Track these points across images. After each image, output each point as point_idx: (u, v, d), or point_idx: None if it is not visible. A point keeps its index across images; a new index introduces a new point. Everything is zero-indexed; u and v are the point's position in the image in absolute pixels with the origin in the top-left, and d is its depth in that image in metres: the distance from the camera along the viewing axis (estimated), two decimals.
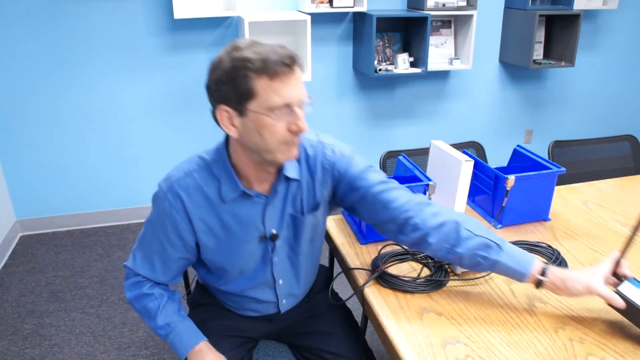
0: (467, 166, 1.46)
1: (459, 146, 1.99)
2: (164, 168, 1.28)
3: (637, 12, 3.73)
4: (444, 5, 3.09)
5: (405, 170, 1.58)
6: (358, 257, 1.39)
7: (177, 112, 3.11)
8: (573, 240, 1.47)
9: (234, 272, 1.26)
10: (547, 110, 3.84)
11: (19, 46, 2.78)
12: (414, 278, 1.27)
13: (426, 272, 1.31)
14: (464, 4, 3.15)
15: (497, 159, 3.46)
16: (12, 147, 2.97)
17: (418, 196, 1.22)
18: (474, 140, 2.14)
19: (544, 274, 1.12)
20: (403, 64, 3.14)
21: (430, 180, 1.46)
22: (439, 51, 3.35)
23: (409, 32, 3.21)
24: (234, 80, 1.00)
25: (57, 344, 2.21)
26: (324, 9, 2.93)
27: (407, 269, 1.33)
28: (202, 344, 1.24)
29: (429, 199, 1.26)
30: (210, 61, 1.07)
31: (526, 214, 1.57)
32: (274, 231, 1.22)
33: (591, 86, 3.86)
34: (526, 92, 3.73)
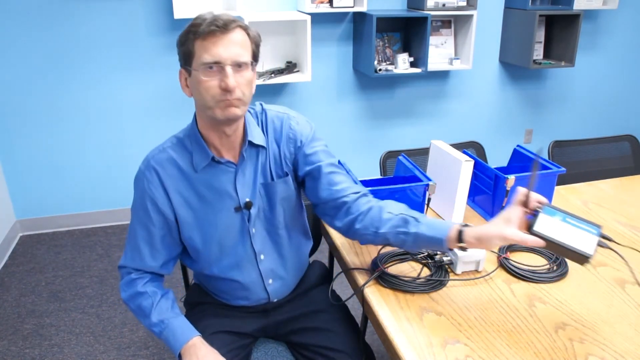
0: (467, 166, 1.46)
1: (459, 146, 1.99)
2: None
3: (637, 12, 3.73)
4: (444, 5, 3.09)
5: (405, 170, 1.58)
6: (358, 257, 1.39)
7: (177, 112, 3.11)
8: None
9: (214, 249, 1.29)
10: (547, 110, 3.84)
11: (19, 46, 2.78)
12: (414, 278, 1.27)
13: (426, 272, 1.31)
14: (464, 4, 3.15)
15: (497, 159, 3.46)
16: (12, 147, 2.97)
17: (360, 187, 1.30)
18: (474, 140, 2.14)
19: (460, 236, 1.14)
20: (403, 64, 3.14)
21: (430, 180, 1.46)
22: (439, 51, 3.35)
23: (409, 32, 3.21)
24: (183, 44, 1.16)
25: (57, 344, 2.21)
26: (324, 9, 2.93)
27: (407, 269, 1.33)
28: (196, 339, 1.25)
29: (429, 200, 1.26)
30: None
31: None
32: (247, 199, 1.27)
33: (591, 86, 3.86)
34: (526, 92, 3.73)
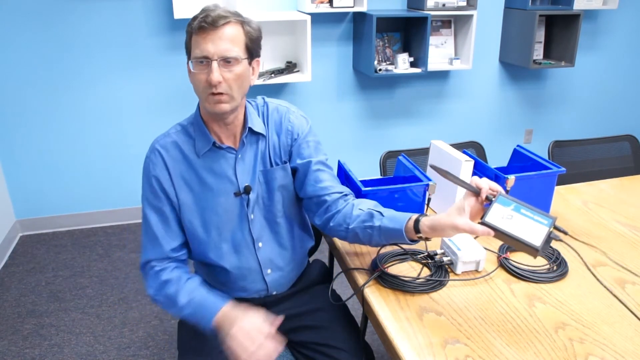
0: (467, 166, 1.46)
1: (459, 146, 1.99)
2: None
3: (637, 12, 3.73)
4: (444, 5, 3.09)
5: (405, 170, 1.58)
6: (358, 257, 1.39)
7: (177, 112, 3.11)
8: (573, 240, 1.47)
9: (213, 233, 1.30)
10: (547, 110, 3.84)
11: (19, 46, 2.78)
12: (414, 278, 1.27)
13: (426, 272, 1.31)
14: (464, 4, 3.15)
15: (497, 159, 3.46)
16: (12, 147, 2.97)
17: (343, 188, 1.35)
18: (474, 140, 2.14)
19: (417, 226, 1.16)
20: (403, 64, 3.14)
21: (430, 180, 1.46)
22: (439, 51, 3.35)
23: (409, 32, 3.21)
24: (186, 37, 1.21)
25: (57, 344, 2.21)
26: (324, 9, 2.93)
27: (407, 269, 1.33)
28: (226, 308, 1.22)
29: (429, 200, 1.26)
30: None
31: None
32: (246, 184, 1.30)
33: (591, 86, 3.86)
34: (526, 92, 3.73)
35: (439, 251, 1.34)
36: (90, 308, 2.45)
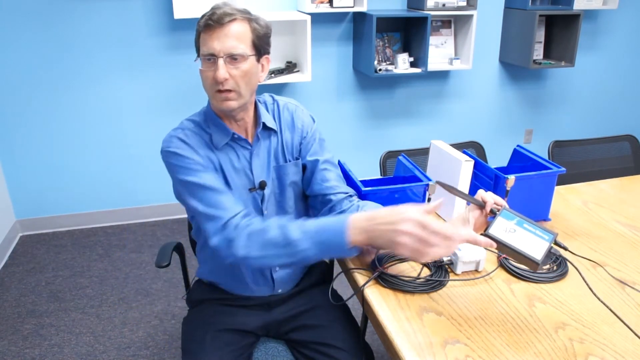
0: (467, 166, 1.46)
1: (459, 146, 1.99)
2: (164, 167, 1.30)
3: (637, 12, 3.73)
4: (444, 5, 3.09)
5: (405, 170, 1.58)
6: (358, 257, 1.39)
7: (177, 112, 3.11)
8: (573, 240, 1.47)
9: None
10: (547, 110, 3.84)
11: (19, 46, 2.78)
12: (414, 278, 1.27)
13: (426, 272, 1.31)
14: (464, 4, 3.15)
15: (497, 159, 3.46)
16: (12, 147, 2.97)
17: (349, 189, 1.37)
18: (474, 140, 2.14)
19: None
20: (403, 64, 3.14)
21: (430, 180, 1.46)
22: (439, 51, 3.35)
23: (409, 32, 3.21)
24: (195, 37, 1.23)
25: (57, 344, 2.21)
26: (324, 9, 2.93)
27: (407, 269, 1.33)
28: (351, 221, 1.10)
29: (429, 200, 1.26)
30: None
31: (526, 214, 1.55)
32: (262, 180, 1.32)
33: (591, 86, 3.86)
34: (526, 92, 3.73)
35: None
36: (90, 308, 2.45)
